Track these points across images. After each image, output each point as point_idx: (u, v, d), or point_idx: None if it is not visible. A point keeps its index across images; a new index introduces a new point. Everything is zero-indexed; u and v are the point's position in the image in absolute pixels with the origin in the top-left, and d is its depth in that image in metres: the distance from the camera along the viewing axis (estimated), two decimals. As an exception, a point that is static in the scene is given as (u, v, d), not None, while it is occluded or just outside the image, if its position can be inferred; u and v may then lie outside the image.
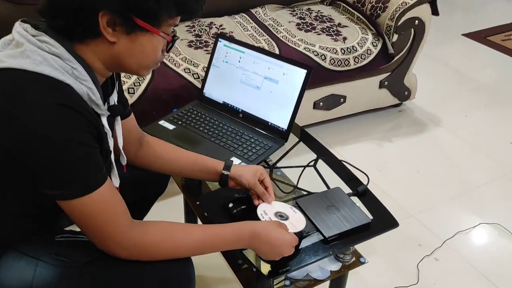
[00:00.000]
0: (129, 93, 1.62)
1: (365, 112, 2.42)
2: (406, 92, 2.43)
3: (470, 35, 3.45)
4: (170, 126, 1.39)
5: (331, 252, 1.02)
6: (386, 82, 2.31)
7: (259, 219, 1.03)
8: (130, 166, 1.07)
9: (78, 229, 0.87)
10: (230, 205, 1.08)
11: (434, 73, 2.92)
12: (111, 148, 0.89)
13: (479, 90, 2.77)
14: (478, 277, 1.58)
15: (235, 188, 1.10)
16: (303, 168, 1.26)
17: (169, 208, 1.69)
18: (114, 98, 0.94)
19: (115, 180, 0.91)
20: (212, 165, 1.09)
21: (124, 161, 0.99)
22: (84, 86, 0.79)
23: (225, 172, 1.08)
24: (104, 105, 0.86)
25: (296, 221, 1.03)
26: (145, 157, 1.10)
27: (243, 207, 1.09)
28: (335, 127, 2.33)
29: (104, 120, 0.85)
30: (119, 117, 0.95)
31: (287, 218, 1.04)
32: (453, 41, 3.39)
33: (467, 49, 3.29)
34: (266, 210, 1.05)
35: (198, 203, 1.19)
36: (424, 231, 1.75)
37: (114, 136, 0.94)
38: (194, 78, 1.75)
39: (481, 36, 3.43)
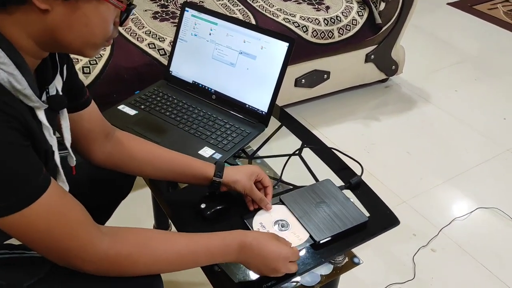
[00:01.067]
0: (83, 73, 1.43)
1: (349, 89, 2.28)
2: (393, 66, 2.30)
3: (455, 4, 3.32)
4: (131, 111, 1.21)
5: (323, 260, 0.88)
6: (372, 56, 2.16)
7: (245, 225, 0.89)
8: (85, 164, 0.90)
9: (18, 242, 0.70)
10: (203, 205, 0.92)
11: (421, 45, 2.79)
12: (54, 148, 0.71)
13: (468, 63, 2.66)
14: (478, 268, 1.47)
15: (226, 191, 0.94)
16: (287, 158, 1.10)
17: (135, 204, 1.52)
18: (56, 86, 0.75)
19: (63, 186, 0.74)
20: (201, 169, 0.92)
21: (72, 162, 0.81)
22: (2, 71, 0.60)
23: (217, 180, 0.91)
24: (42, 94, 0.68)
25: (300, 230, 0.90)
26: (116, 158, 0.92)
27: (218, 207, 0.93)
28: (317, 106, 2.20)
29: (42, 114, 0.67)
30: (65, 109, 0.76)
31: (288, 227, 0.90)
32: (438, 11, 3.25)
33: (453, 18, 3.16)
34: (264, 221, 0.91)
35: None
36: (418, 219, 1.63)
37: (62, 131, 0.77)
38: (160, 55, 1.57)
39: (467, 5, 3.30)
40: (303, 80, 2.01)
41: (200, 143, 1.12)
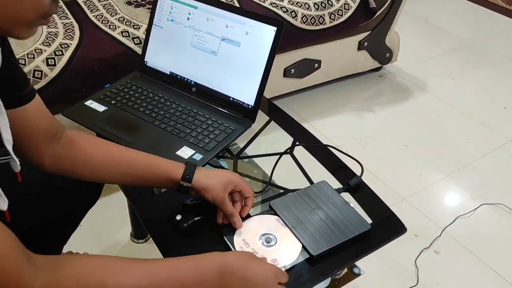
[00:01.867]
0: (48, 65, 1.29)
1: (341, 79, 2.18)
2: (387, 54, 2.19)
3: (448, -12, 3.21)
4: (100, 107, 1.08)
5: (321, 277, 0.76)
6: (365, 43, 2.05)
7: (226, 243, 0.77)
8: (36, 169, 0.77)
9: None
10: (178, 217, 0.80)
11: (414, 32, 2.69)
12: None
13: (464, 49, 2.57)
14: (486, 271, 1.38)
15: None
16: (278, 157, 0.98)
17: (110, 208, 1.40)
18: None
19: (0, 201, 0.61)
20: (166, 170, 0.80)
21: (16, 167, 0.68)
22: None
23: (185, 184, 0.79)
24: None
25: (293, 243, 0.79)
26: (66, 161, 0.79)
27: (196, 219, 0.81)
28: (308, 98, 2.09)
29: None
30: (0, 103, 0.63)
31: (274, 242, 0.79)
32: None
33: (447, 3, 3.07)
34: (247, 237, 0.79)
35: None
36: (419, 218, 1.53)
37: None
38: (135, 44, 1.43)
39: (461, -11, 3.19)
40: (292, 70, 1.90)
41: (179, 142, 1.00)
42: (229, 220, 0.81)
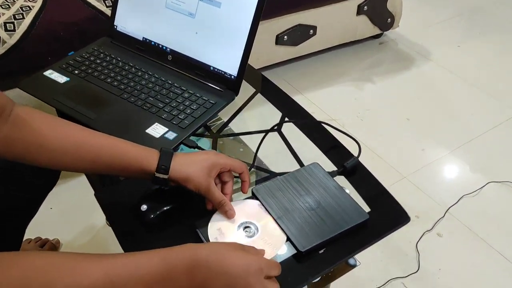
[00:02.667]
0: (6, 30, 1.16)
1: (339, 47, 2.07)
2: (389, 19, 2.07)
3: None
4: (61, 78, 0.97)
5: (309, 277, 0.66)
6: (365, 7, 1.93)
7: (197, 235, 0.67)
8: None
9: None
10: (144, 207, 0.69)
11: (418, -5, 2.54)
12: None
13: (471, 15, 2.44)
14: (492, 255, 1.29)
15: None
16: (263, 135, 0.87)
17: (83, 188, 1.29)
18: None
19: None
20: (138, 160, 0.69)
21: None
22: None
23: (161, 176, 0.68)
24: None
25: (277, 235, 0.69)
26: (16, 145, 0.68)
27: (165, 208, 0.71)
28: (302, 67, 1.99)
29: None
30: None
31: (256, 232, 0.70)
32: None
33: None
34: (224, 226, 0.69)
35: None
36: (421, 198, 1.44)
37: None
38: (107, 6, 1.30)
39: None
40: (285, 37, 1.79)
41: (150, 118, 0.89)
42: (219, 210, 0.71)
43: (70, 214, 1.33)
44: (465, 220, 1.38)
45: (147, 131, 0.86)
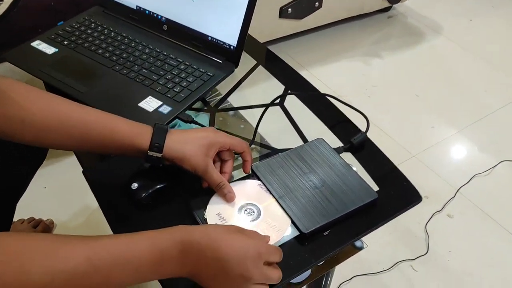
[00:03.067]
0: (-7, 0, 1.10)
1: (346, 21, 2.02)
2: (398, -9, 1.99)
3: None
4: (49, 49, 0.91)
5: (313, 260, 0.62)
6: (373, -22, 1.85)
7: (195, 218, 0.63)
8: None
9: None
10: (134, 185, 0.65)
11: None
12: None
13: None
14: (505, 237, 1.26)
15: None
16: (263, 109, 0.81)
17: (77, 167, 1.25)
18: None
19: None
20: (129, 136, 0.64)
21: None
22: None
23: (154, 154, 0.63)
24: None
25: (279, 217, 0.65)
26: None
27: (158, 187, 0.66)
28: (307, 42, 1.93)
29: None
30: None
31: (259, 215, 0.65)
32: None
33: None
34: (223, 210, 0.65)
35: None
36: (430, 177, 1.40)
37: None
38: (101, -25, 1.23)
39: None
40: (289, 10, 1.73)
41: (143, 91, 0.84)
42: (217, 193, 0.66)
43: (65, 193, 1.29)
44: (476, 200, 1.34)
45: (140, 104, 0.81)
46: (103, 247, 0.50)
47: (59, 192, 1.29)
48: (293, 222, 0.64)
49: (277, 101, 0.86)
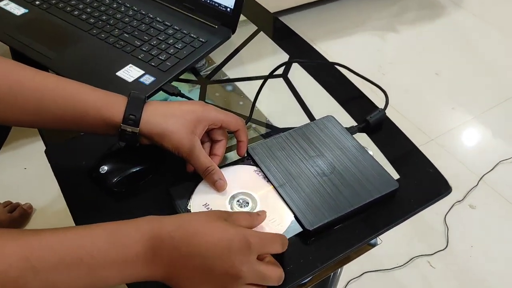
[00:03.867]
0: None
1: (360, -9, 1.89)
2: (417, -40, 1.86)
3: None
4: (18, 10, 0.82)
5: (318, 264, 0.52)
6: None
7: (177, 209, 0.54)
8: None
9: None
10: (104, 168, 0.55)
11: None
12: None
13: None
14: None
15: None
16: (263, 80, 0.70)
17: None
18: None
19: None
20: (97, 107, 0.53)
21: None
22: None
23: (128, 129, 0.53)
24: None
25: (279, 210, 0.54)
26: None
27: (133, 170, 0.56)
28: (317, 15, 1.82)
29: None
30: None
31: (254, 205, 0.55)
32: None
33: None
34: (212, 201, 0.55)
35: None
36: (451, 164, 1.31)
37: None
38: None
39: None
40: (297, -23, 1.61)
41: (123, 58, 0.73)
42: (205, 179, 0.56)
43: (47, 175, 1.19)
44: (501, 189, 1.24)
45: (118, 74, 0.70)
46: (45, 244, 0.40)
47: (41, 174, 1.19)
48: (295, 217, 0.53)
49: (280, 72, 0.75)
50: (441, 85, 1.58)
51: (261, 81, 0.69)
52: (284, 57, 0.79)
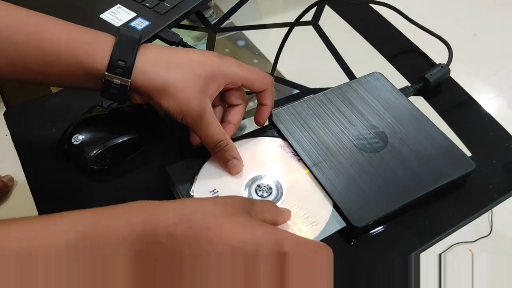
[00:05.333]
0: None
1: None
2: None
3: None
4: None
5: (362, 270, 0.38)
6: None
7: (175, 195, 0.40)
8: None
9: None
10: (78, 138, 0.42)
11: None
12: None
13: None
14: None
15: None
16: (288, 29, 0.56)
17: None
18: None
19: None
20: (69, 47, 0.38)
21: None
22: None
23: (116, 80, 0.38)
24: None
25: (314, 199, 0.41)
26: None
27: (117, 142, 0.43)
28: None
29: None
30: None
31: (278, 195, 0.41)
32: None
33: None
34: (221, 187, 0.42)
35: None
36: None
37: None
38: None
39: None
40: None
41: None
42: (214, 157, 0.42)
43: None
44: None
45: (102, 16, 0.56)
46: (16, 232, 0.27)
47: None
48: (336, 207, 0.40)
49: (309, 18, 0.60)
50: (480, 47, 1.49)
51: (281, 32, 0.54)
52: None
